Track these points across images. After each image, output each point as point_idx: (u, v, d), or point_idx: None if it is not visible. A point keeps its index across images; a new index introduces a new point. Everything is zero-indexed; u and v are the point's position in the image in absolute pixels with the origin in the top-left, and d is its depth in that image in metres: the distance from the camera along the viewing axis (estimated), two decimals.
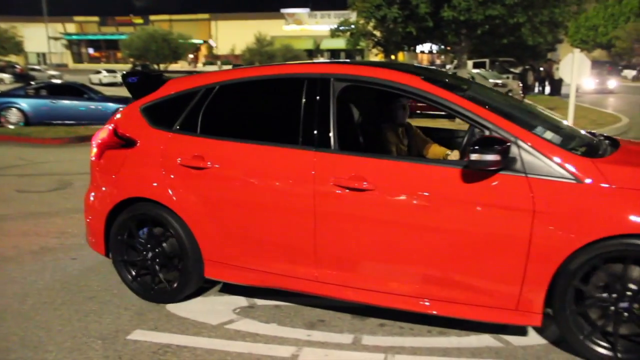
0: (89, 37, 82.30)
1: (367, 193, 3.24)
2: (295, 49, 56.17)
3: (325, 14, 73.54)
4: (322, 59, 54.39)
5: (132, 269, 4.01)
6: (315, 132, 3.44)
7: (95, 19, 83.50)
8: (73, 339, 3.43)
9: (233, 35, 71.35)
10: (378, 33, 21.47)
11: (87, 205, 4.26)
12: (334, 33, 22.52)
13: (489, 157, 2.88)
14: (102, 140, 4.11)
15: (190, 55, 63.88)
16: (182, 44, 54.04)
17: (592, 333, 3.05)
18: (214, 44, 76.99)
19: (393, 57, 23.39)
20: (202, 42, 76.12)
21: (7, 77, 40.70)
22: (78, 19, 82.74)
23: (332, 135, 3.41)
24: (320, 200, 3.35)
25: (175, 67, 55.74)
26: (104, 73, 43.76)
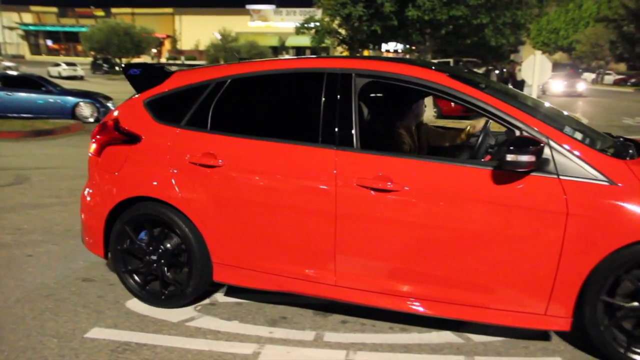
0: (47, 28, 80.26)
1: (392, 194, 3.12)
2: (261, 46, 55.84)
3: (291, 11, 73.43)
4: (287, 56, 54.29)
5: (135, 272, 3.81)
6: (337, 129, 3.29)
7: (54, 10, 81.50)
8: (27, 338, 3.33)
9: (197, 31, 70.61)
10: (343, 31, 21.56)
11: (84, 204, 4.00)
12: (299, 30, 22.52)
13: (524, 158, 2.78)
14: (102, 136, 3.85)
15: (154, 50, 62.86)
16: (145, 38, 53.21)
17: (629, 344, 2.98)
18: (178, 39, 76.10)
19: (358, 55, 23.50)
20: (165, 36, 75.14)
21: None
22: (35, 9, 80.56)
23: (354, 133, 3.27)
24: (343, 201, 3.21)
25: (138, 61, 54.76)
26: (64, 66, 42.72)
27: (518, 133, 3.03)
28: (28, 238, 5.20)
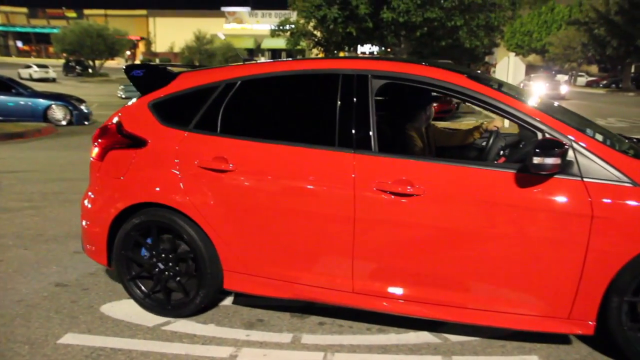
0: (17, 29, 78.98)
1: (413, 198, 3.04)
2: (236, 48, 55.69)
3: (266, 13, 73.48)
4: (263, 59, 54.14)
5: (140, 280, 3.67)
6: (354, 132, 3.20)
7: (24, 10, 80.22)
8: None
9: (171, 33, 70.21)
10: (318, 33, 21.63)
11: (85, 210, 3.81)
12: (274, 32, 22.52)
13: (550, 160, 2.73)
14: (104, 140, 3.69)
15: (128, 52, 62.27)
16: (118, 40, 52.65)
17: None
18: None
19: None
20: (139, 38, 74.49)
21: None
22: (4, 9, 79.20)
23: (372, 136, 3.19)
24: (362, 206, 3.11)
25: (112, 63, 54.22)
26: (35, 68, 42.13)
27: (540, 135, 2.99)
28: None
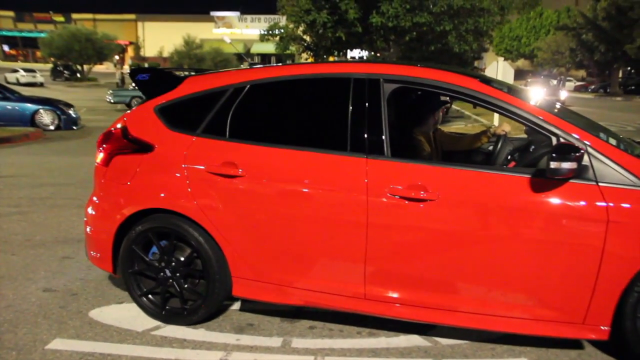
0: (4, 33, 78.36)
1: (428, 203, 3.03)
2: (225, 53, 55.57)
3: (256, 18, 73.51)
4: (248, 64, 54.03)
5: (148, 291, 3.64)
6: (366, 137, 3.19)
7: (10, 14, 79.60)
8: None
9: (160, 37, 69.94)
10: (308, 38, 21.67)
11: (89, 217, 3.77)
12: (264, 37, 22.55)
13: (567, 165, 2.72)
14: (109, 145, 3.65)
15: (116, 57, 61.95)
16: (107, 45, 52.38)
17: None
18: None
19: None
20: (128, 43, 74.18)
21: None
22: None
23: (384, 140, 3.17)
24: (374, 212, 3.09)
25: (101, 68, 53.92)
26: (22, 72, 41.77)
27: (555, 140, 2.99)
28: None
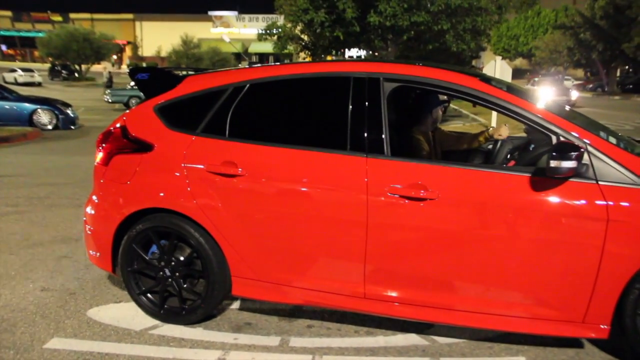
0: (2, 32, 78.26)
1: (428, 202, 3.03)
2: (223, 52, 55.54)
3: (253, 17, 73.49)
4: (247, 63, 53.98)
5: (147, 290, 3.63)
6: (366, 136, 3.19)
7: (8, 14, 79.46)
8: None
9: (158, 37, 69.94)
10: (306, 37, 21.66)
11: (89, 217, 3.77)
12: (262, 36, 22.53)
13: (567, 163, 2.72)
14: (108, 144, 3.65)
15: (114, 56, 61.90)
16: (105, 44, 52.35)
17: None
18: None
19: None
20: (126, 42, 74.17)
21: None
22: None
23: (384, 140, 3.17)
24: (374, 211, 3.09)
25: (98, 67, 53.81)
26: (20, 72, 41.80)
27: (555, 139, 2.98)
28: None
